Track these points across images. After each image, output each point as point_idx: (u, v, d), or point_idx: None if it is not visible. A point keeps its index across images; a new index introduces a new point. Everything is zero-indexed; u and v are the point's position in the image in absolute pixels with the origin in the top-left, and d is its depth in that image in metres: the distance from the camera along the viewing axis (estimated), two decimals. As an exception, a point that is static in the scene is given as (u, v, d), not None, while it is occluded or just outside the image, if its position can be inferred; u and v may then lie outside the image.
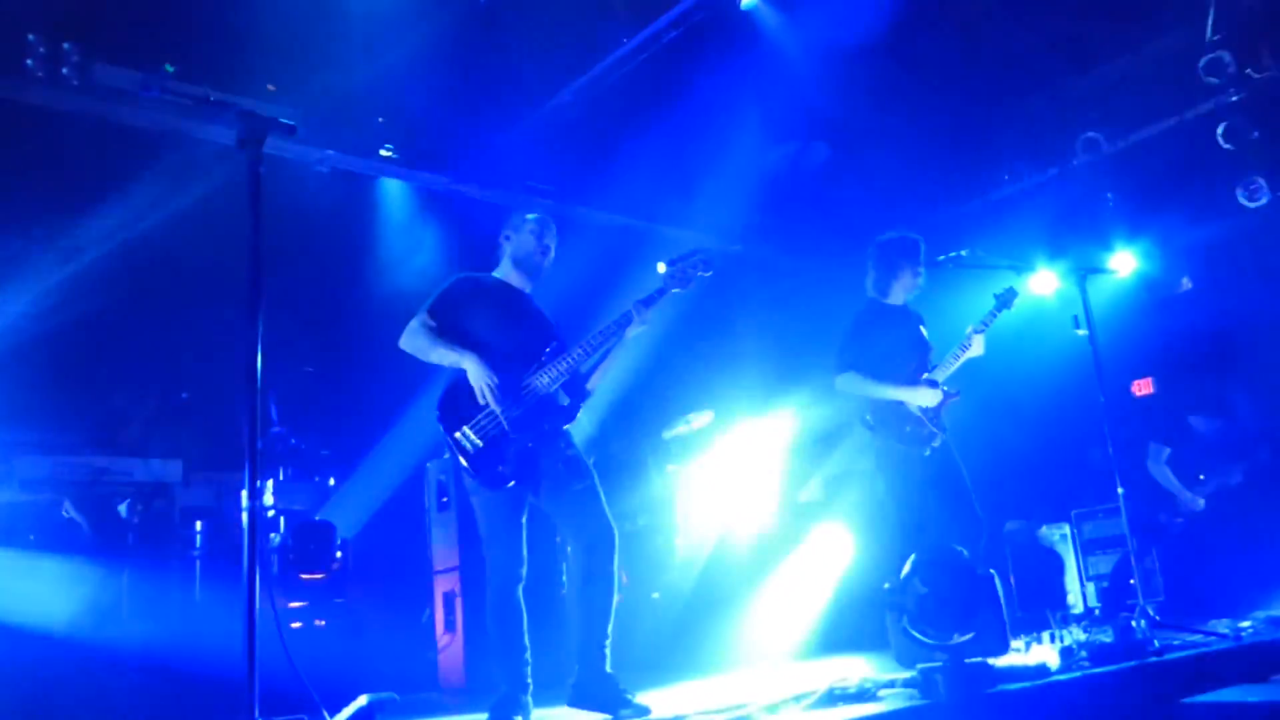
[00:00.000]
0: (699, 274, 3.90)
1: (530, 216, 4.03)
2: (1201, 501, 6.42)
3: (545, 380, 3.72)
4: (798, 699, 3.16)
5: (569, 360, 3.75)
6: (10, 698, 4.22)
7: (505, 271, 4.00)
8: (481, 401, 3.64)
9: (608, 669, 3.60)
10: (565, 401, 3.81)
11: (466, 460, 3.64)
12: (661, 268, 3.90)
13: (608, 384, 4.00)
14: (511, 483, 3.65)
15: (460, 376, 3.71)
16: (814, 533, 8.06)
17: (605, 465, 7.79)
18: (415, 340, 3.80)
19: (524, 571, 3.74)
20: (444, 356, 3.74)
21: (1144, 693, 3.47)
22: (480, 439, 3.63)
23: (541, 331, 3.90)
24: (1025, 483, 8.70)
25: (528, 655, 3.73)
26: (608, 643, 3.62)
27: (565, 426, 3.79)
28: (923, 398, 4.74)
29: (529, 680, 3.70)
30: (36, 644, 4.84)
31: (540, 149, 7.79)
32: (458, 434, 3.65)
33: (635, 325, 3.80)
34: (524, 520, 3.77)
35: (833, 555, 7.93)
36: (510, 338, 3.80)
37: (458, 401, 3.70)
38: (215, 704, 4.14)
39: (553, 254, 4.02)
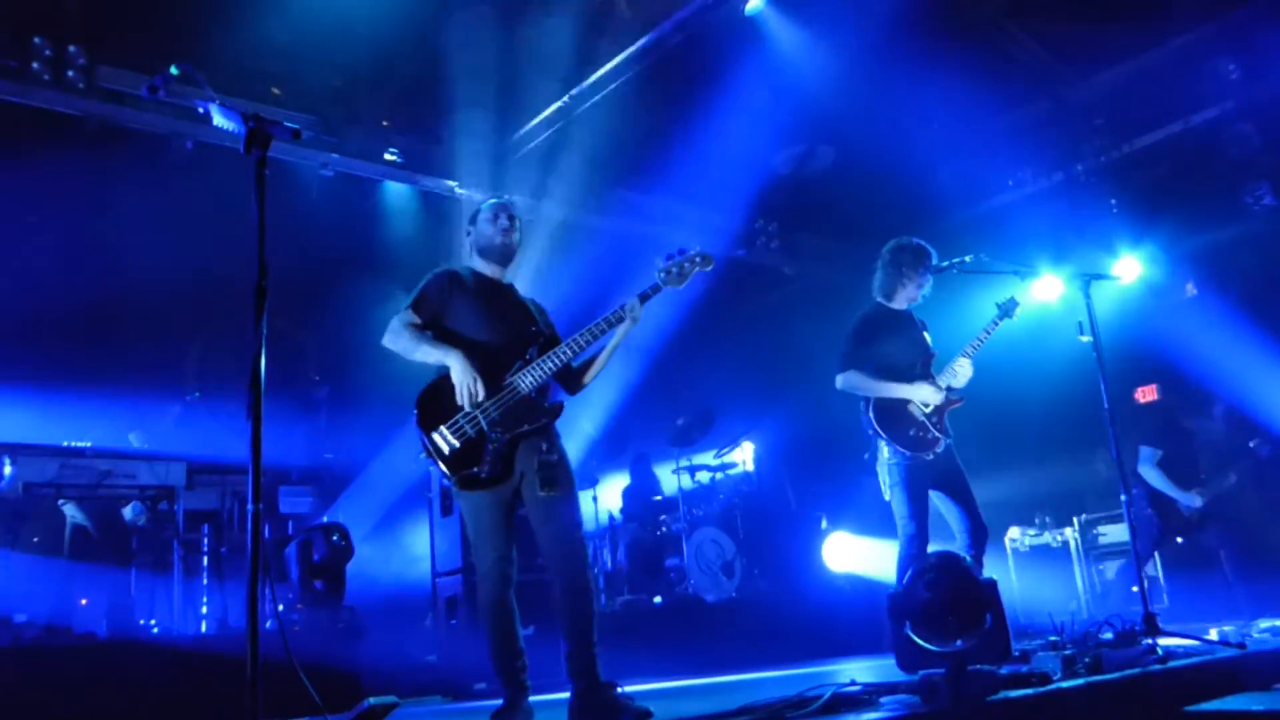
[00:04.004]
0: (695, 269, 3.85)
1: (485, 204, 3.96)
2: (1200, 501, 6.38)
3: (529, 380, 3.64)
4: (800, 704, 3.16)
5: (555, 358, 3.68)
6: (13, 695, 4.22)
7: (476, 264, 3.93)
8: (461, 401, 3.57)
9: (600, 677, 3.53)
10: (548, 401, 3.74)
11: (442, 461, 3.56)
12: (658, 263, 3.87)
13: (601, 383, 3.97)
14: (487, 486, 3.59)
15: (443, 375, 3.63)
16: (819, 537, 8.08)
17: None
18: (399, 339, 3.71)
19: (513, 573, 3.66)
20: (428, 355, 3.66)
21: (1147, 701, 3.46)
22: (457, 439, 3.55)
23: (526, 325, 3.83)
24: (1029, 488, 8.69)
25: (524, 658, 3.69)
26: (595, 650, 3.55)
27: (550, 425, 3.71)
28: (923, 394, 4.74)
29: (527, 682, 3.66)
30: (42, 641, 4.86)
31: (545, 153, 7.81)
32: (434, 434, 3.57)
33: (627, 321, 3.75)
34: (511, 521, 3.69)
35: (836, 559, 7.94)
36: (494, 332, 3.73)
37: (439, 400, 3.61)
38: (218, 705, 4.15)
39: (517, 235, 3.93)
